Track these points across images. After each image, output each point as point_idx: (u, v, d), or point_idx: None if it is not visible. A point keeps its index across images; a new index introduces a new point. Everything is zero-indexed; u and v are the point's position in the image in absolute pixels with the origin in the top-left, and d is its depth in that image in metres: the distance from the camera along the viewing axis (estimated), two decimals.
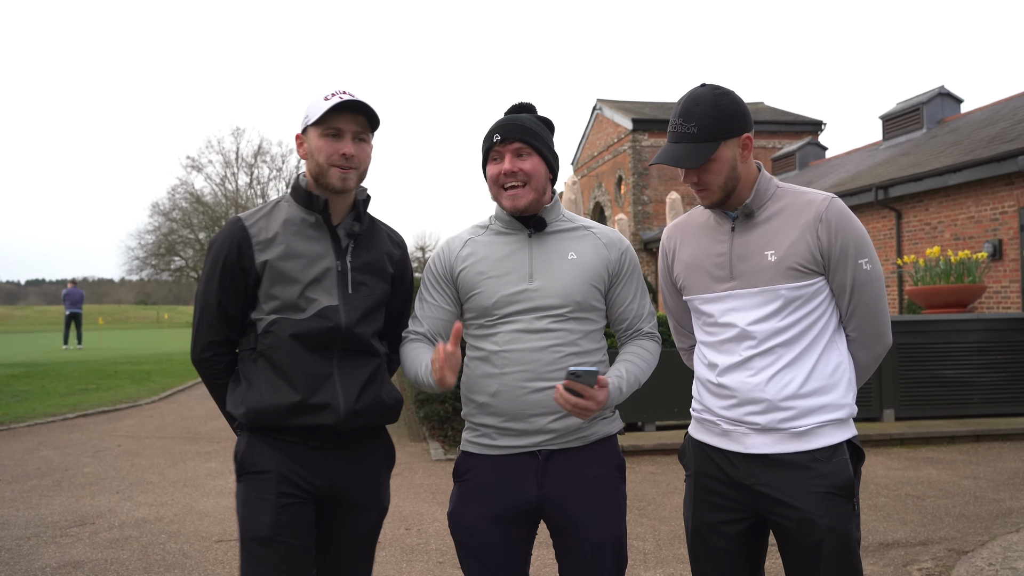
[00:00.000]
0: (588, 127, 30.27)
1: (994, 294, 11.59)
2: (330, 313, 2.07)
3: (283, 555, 2.02)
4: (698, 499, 2.06)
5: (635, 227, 25.15)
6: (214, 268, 2.12)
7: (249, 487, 2.09)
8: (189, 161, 46.69)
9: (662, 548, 4.46)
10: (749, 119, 1.97)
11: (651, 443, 7.14)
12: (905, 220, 13.75)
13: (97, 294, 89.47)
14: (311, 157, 2.09)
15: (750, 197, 1.98)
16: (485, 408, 2.07)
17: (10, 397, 11.47)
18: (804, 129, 25.92)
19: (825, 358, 1.95)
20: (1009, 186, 11.43)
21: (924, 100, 16.74)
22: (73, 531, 4.93)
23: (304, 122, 2.10)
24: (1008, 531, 4.60)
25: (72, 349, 23.16)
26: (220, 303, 2.12)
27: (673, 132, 1.94)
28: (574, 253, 2.13)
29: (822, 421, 1.93)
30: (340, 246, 2.14)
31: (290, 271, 2.07)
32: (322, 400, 2.05)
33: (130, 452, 7.59)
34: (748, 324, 1.95)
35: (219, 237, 2.14)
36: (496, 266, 2.10)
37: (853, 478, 1.92)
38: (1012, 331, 8.12)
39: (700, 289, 2.06)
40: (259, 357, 2.10)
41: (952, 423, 7.75)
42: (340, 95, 2.05)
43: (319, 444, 2.09)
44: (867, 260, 1.94)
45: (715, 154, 1.92)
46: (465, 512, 2.10)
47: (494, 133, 2.11)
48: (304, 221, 2.13)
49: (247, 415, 2.08)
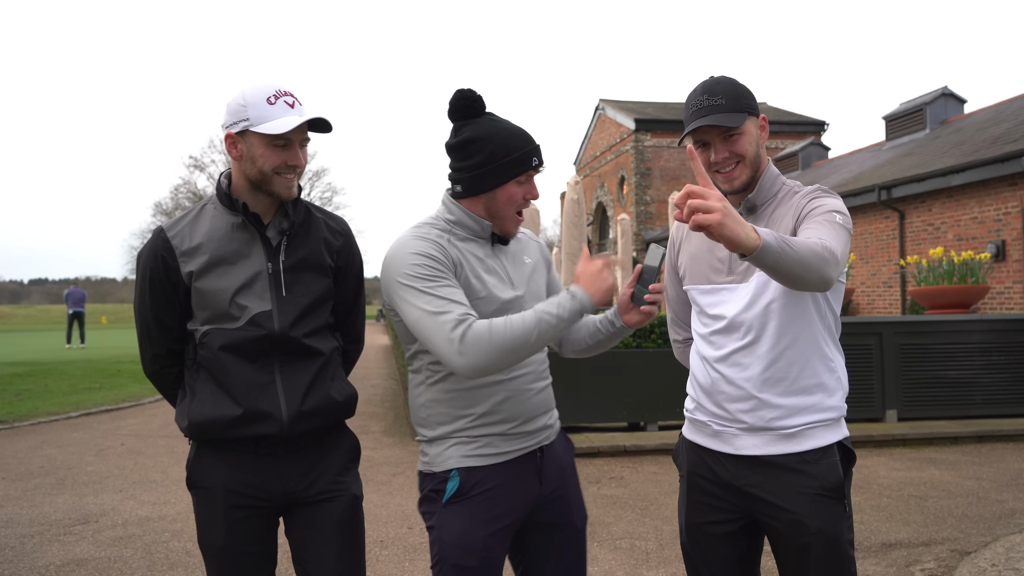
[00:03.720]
0: (591, 127, 30.27)
1: (997, 295, 11.58)
2: (262, 320, 2.00)
3: (240, 562, 2.04)
4: (690, 500, 2.07)
5: (637, 227, 25.15)
6: (143, 283, 2.07)
7: (199, 502, 2.08)
8: (192, 160, 46.66)
9: (664, 548, 4.46)
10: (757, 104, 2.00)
11: (653, 443, 7.14)
12: (908, 221, 13.74)
13: (100, 293, 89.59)
14: (251, 162, 1.98)
15: (753, 192, 1.97)
16: (488, 418, 1.95)
17: (13, 396, 11.50)
18: (807, 129, 25.91)
19: (816, 357, 1.93)
20: (1012, 187, 11.41)
21: (927, 100, 16.73)
22: (76, 529, 4.95)
23: (242, 123, 1.96)
24: (1011, 532, 4.60)
25: (75, 348, 23.20)
26: (157, 316, 2.07)
27: (700, 108, 1.91)
28: (527, 257, 2.11)
29: (812, 422, 1.91)
30: (271, 247, 2.05)
31: (216, 280, 2.00)
32: (263, 409, 2.00)
33: (133, 451, 7.60)
34: (737, 315, 1.94)
35: (144, 250, 2.08)
36: (487, 272, 1.98)
37: (843, 479, 1.90)
38: (1015, 332, 8.11)
39: (699, 279, 2.05)
40: (200, 368, 2.05)
41: (955, 424, 7.74)
42: (283, 98, 1.96)
43: (269, 451, 2.04)
44: (839, 213, 1.84)
45: (743, 127, 1.92)
46: (477, 533, 1.91)
47: (533, 156, 1.96)
48: (230, 224, 2.04)
49: (190, 429, 2.05)
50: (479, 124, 1.96)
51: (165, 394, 2.19)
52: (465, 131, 1.96)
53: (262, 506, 2.06)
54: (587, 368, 7.45)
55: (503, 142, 1.93)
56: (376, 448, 7.54)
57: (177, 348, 2.11)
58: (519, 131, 1.97)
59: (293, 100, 1.98)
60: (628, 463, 6.78)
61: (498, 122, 1.98)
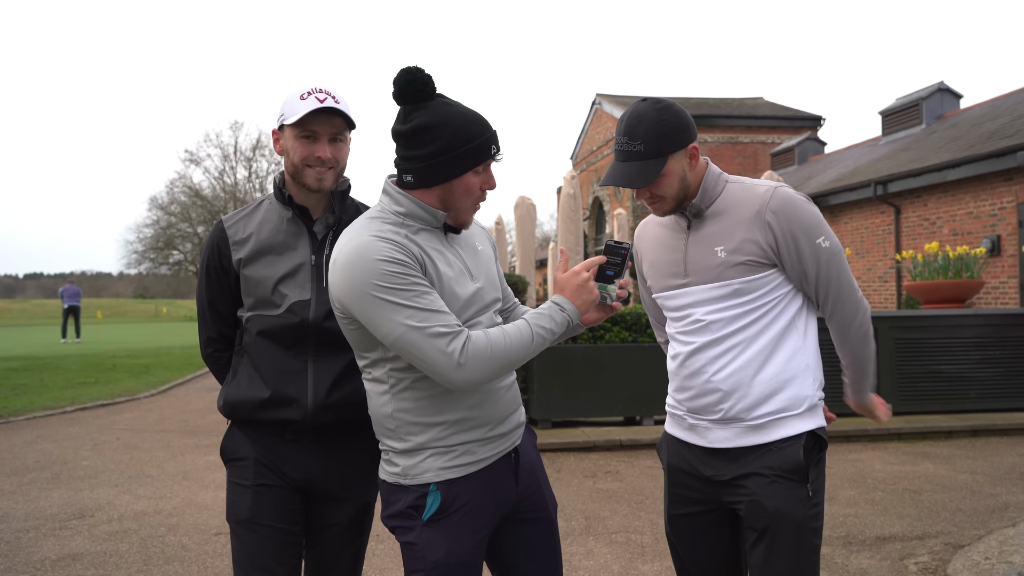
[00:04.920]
0: (587, 122, 30.25)
1: (992, 289, 11.61)
2: (299, 308, 2.08)
3: (265, 537, 2.07)
4: (671, 492, 2.13)
5: (634, 222, 25.15)
6: (202, 269, 2.20)
7: (231, 473, 2.17)
8: (187, 155, 46.78)
9: (659, 541, 4.47)
10: (693, 129, 1.98)
11: (649, 437, 7.15)
12: (904, 215, 13.76)
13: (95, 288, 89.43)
14: (287, 156, 2.09)
15: (697, 196, 2.00)
16: (463, 424, 1.84)
17: (9, 390, 11.48)
18: (803, 124, 25.91)
19: (782, 349, 1.96)
20: (1008, 182, 11.44)
21: (923, 95, 16.74)
22: (72, 524, 4.94)
23: (280, 119, 2.08)
24: (1004, 525, 4.62)
25: (71, 343, 23.16)
26: (211, 302, 2.20)
27: (620, 151, 1.94)
28: (479, 243, 2.01)
29: (780, 412, 1.94)
30: (316, 240, 2.13)
31: (263, 269, 2.10)
32: (290, 395, 2.07)
33: (129, 445, 7.60)
34: (703, 314, 1.99)
35: (207, 239, 2.21)
36: (448, 267, 1.84)
37: (803, 462, 1.91)
38: (1010, 326, 8.14)
39: (661, 287, 2.13)
40: (244, 353, 2.16)
41: (950, 418, 7.77)
42: (315, 94, 2.02)
43: (294, 438, 2.12)
44: (823, 238, 1.94)
45: (664, 169, 1.93)
46: (463, 547, 1.83)
47: (492, 144, 1.82)
48: (281, 217, 2.14)
49: (224, 408, 2.16)
50: (432, 108, 1.79)
51: (218, 377, 2.29)
52: (417, 116, 1.78)
53: (287, 485, 2.12)
54: (582, 362, 7.46)
55: (460, 129, 1.78)
56: None
57: (229, 333, 2.23)
58: (476, 117, 1.81)
59: (325, 96, 2.02)
60: (624, 457, 6.80)
61: (453, 106, 1.81)
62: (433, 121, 1.77)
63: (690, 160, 1.98)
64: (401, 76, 1.79)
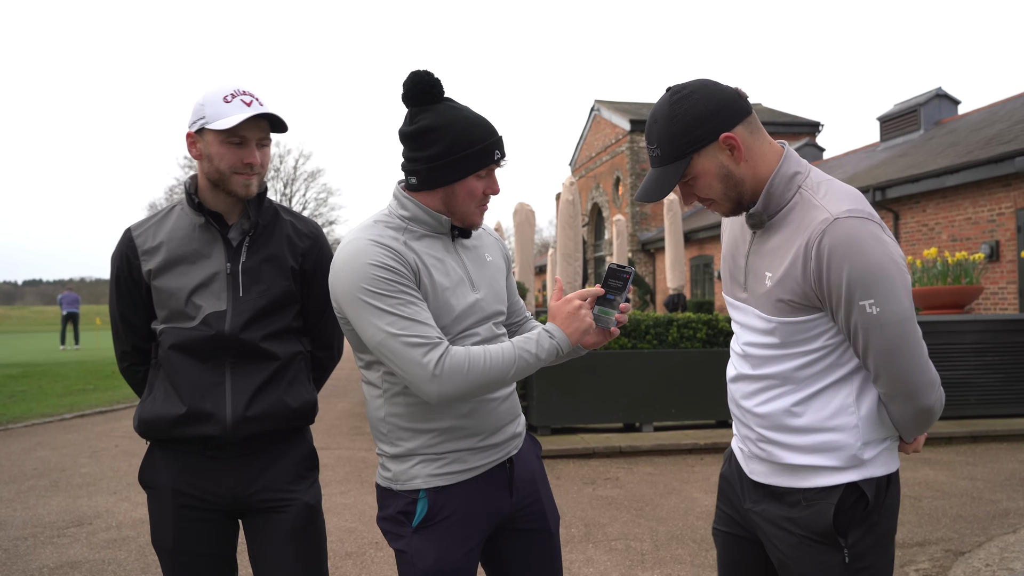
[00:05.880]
0: (586, 128, 30.29)
1: (991, 295, 11.61)
2: (214, 320, 1.98)
3: (192, 564, 2.03)
4: (718, 505, 2.00)
5: (633, 228, 25.16)
6: (112, 281, 2.10)
7: (151, 501, 2.08)
8: (187, 161, 46.58)
9: (659, 549, 4.46)
10: (724, 115, 1.62)
11: (649, 444, 7.14)
12: (903, 221, 13.77)
13: (94, 295, 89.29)
14: (209, 161, 1.98)
15: (760, 201, 1.67)
16: (454, 432, 1.83)
17: (7, 397, 11.46)
18: (801, 130, 25.96)
19: (827, 405, 1.68)
20: (1006, 187, 11.45)
21: (922, 101, 16.78)
22: (70, 531, 4.93)
23: (199, 122, 1.96)
24: (1005, 532, 4.61)
25: (69, 349, 23.14)
26: (123, 314, 2.09)
27: (650, 158, 1.72)
28: (489, 255, 1.99)
29: (816, 461, 1.68)
30: (231, 247, 2.03)
31: (174, 279, 2.00)
32: (207, 410, 1.98)
33: (127, 452, 7.57)
34: (747, 341, 1.78)
35: (115, 248, 2.10)
36: (445, 276, 1.82)
37: (832, 524, 1.66)
38: (1009, 332, 8.14)
39: (727, 289, 1.88)
40: (159, 367, 2.06)
41: (949, 424, 7.76)
42: (240, 96, 1.95)
43: (215, 454, 2.02)
44: (871, 301, 1.54)
45: (691, 170, 1.65)
46: (452, 556, 1.82)
47: (495, 149, 1.81)
48: (193, 224, 2.04)
49: (139, 426, 2.05)
50: (438, 111, 1.79)
51: (136, 392, 2.19)
52: (422, 118, 1.79)
53: (211, 508, 2.03)
54: (583, 369, 7.45)
55: (464, 132, 1.78)
56: (371, 449, 7.52)
57: (143, 346, 2.12)
58: (481, 120, 1.81)
59: (251, 99, 1.95)
60: (623, 464, 6.79)
61: (458, 110, 1.81)
62: (437, 124, 1.78)
63: (731, 152, 1.64)
64: (410, 78, 1.80)
